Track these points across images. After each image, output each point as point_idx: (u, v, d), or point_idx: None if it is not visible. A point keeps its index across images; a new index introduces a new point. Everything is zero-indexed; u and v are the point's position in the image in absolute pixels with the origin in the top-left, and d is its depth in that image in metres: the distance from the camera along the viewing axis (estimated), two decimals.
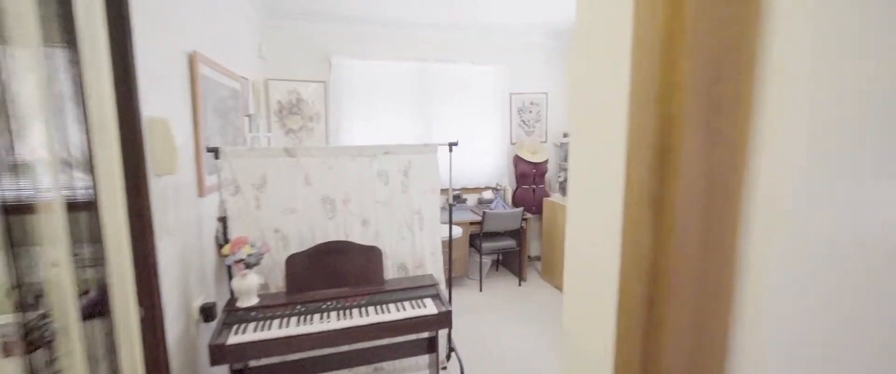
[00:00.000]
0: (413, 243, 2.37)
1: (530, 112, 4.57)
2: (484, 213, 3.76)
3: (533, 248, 4.68)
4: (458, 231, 3.59)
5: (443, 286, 2.35)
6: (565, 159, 4.59)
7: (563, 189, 4.69)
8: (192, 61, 1.91)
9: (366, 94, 3.97)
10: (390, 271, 2.34)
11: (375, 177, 2.28)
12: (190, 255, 1.89)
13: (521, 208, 3.91)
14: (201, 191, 2.04)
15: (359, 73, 3.92)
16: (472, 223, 3.89)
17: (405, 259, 2.37)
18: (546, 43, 4.49)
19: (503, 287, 4.02)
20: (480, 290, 3.94)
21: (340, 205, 2.23)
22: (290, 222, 2.15)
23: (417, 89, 4.13)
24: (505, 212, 3.82)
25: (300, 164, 2.15)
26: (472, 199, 4.50)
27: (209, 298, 2.08)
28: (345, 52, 3.88)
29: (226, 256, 1.85)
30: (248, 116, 3.05)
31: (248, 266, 1.89)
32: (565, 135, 4.52)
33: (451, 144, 2.38)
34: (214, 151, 1.97)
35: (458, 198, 4.29)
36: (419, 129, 4.19)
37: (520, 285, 4.09)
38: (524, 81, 4.50)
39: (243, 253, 1.86)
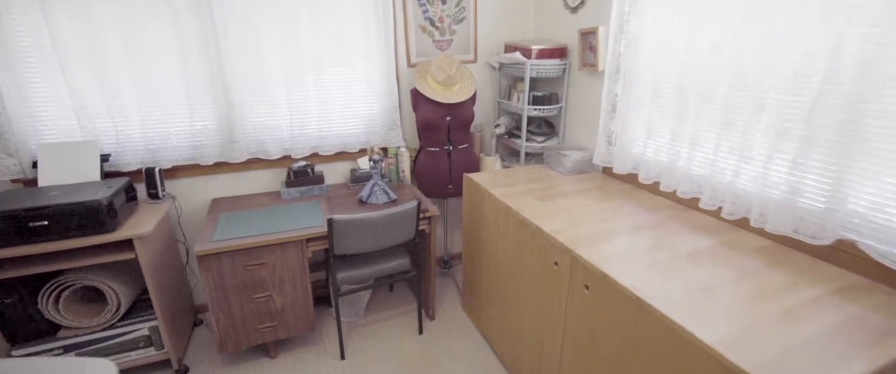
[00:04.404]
0: None
1: (443, 3, 2.37)
2: (329, 222, 1.74)
3: (452, 236, 2.78)
4: None
5: None
6: (508, 96, 2.51)
7: (504, 147, 2.68)
8: None
9: None
10: None
11: None
12: None
13: (416, 202, 1.90)
14: None
15: None
16: (310, 240, 1.87)
17: None
18: None
19: (389, 348, 2.14)
20: (343, 357, 2.06)
21: None
22: None
23: None
24: (374, 217, 1.80)
25: None
26: (336, 172, 2.42)
27: None
28: None
29: None
30: None
31: None
32: (512, 47, 2.41)
33: None
34: None
35: (303, 173, 2.21)
36: (193, 41, 1.93)
37: (421, 333, 2.24)
38: None
39: None
